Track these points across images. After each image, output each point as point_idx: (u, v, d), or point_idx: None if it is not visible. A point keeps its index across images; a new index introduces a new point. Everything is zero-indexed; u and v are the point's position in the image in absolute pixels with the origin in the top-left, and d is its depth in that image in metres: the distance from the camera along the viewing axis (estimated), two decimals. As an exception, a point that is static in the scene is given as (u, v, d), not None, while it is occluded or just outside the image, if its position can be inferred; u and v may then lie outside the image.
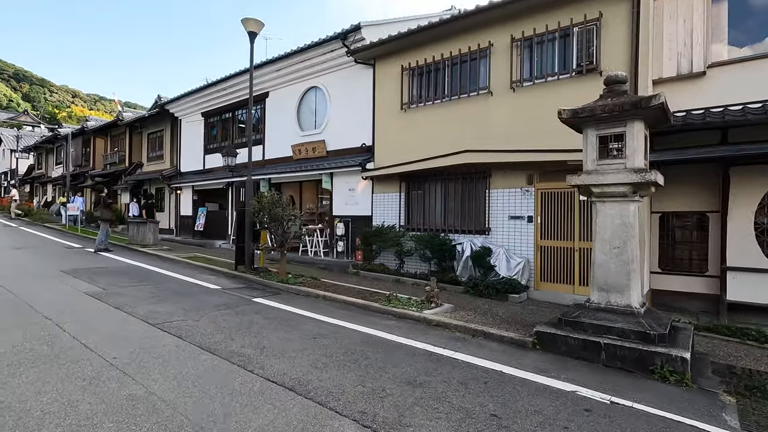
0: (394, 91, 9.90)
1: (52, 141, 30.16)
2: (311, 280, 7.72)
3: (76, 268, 8.23)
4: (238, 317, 5.21)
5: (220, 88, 14.63)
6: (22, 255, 9.97)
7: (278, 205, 7.81)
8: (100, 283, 6.97)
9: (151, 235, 11.92)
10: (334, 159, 11.33)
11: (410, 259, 9.27)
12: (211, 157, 15.85)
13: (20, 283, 6.66)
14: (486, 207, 8.46)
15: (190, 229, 16.30)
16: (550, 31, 7.62)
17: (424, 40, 9.22)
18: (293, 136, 12.58)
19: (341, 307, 6.12)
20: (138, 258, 10.25)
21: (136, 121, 19.75)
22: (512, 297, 7.33)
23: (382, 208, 10.19)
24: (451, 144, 8.71)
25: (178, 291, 6.65)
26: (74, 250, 11.29)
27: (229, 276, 8.27)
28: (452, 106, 8.97)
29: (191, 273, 8.45)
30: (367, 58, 10.39)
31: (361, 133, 10.76)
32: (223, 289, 7.06)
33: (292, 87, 12.68)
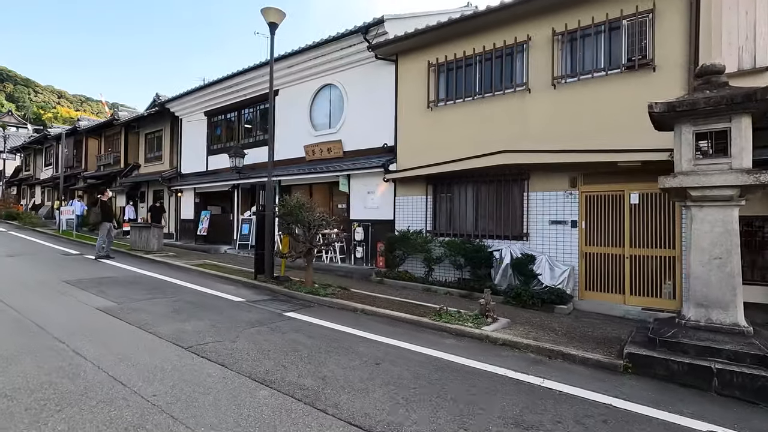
0: (420, 88, 9.37)
1: (40, 141, 29.05)
2: (341, 291, 7.11)
3: (80, 279, 7.51)
4: (279, 336, 4.60)
5: (225, 86, 13.94)
6: (17, 263, 9.19)
7: (305, 208, 7.20)
8: (111, 295, 6.28)
9: (155, 241, 11.19)
10: (351, 160, 10.75)
11: (439, 267, 8.71)
12: (215, 158, 15.14)
13: (21, 297, 5.95)
14: (523, 211, 7.95)
15: (192, 233, 15.54)
16: (596, 24, 7.15)
17: (453, 34, 8.71)
18: (305, 136, 11.96)
19: (387, 322, 5.53)
20: (145, 266, 9.52)
21: (133, 120, 18.93)
22: (559, 308, 6.82)
23: (405, 211, 9.63)
24: (482, 144, 8.20)
25: (200, 304, 5.99)
26: (73, 258, 10.51)
27: (250, 286, 7.62)
28: (484, 104, 8.46)
29: (207, 283, 7.78)
30: (389, 53, 9.84)
31: (381, 132, 10.20)
32: (248, 301, 6.42)
33: (304, 85, 12.07)
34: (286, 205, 7.25)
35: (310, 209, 7.27)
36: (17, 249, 11.67)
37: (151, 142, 18.63)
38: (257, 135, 13.77)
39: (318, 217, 7.22)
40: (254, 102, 13.61)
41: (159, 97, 19.02)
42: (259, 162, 13.25)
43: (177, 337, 4.39)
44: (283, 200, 7.54)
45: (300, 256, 7.32)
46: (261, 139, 13.54)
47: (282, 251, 8.10)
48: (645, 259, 6.81)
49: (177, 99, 15.92)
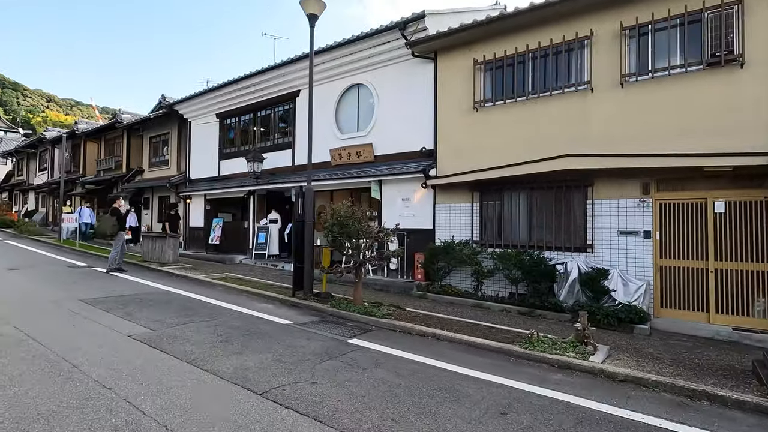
0: (463, 87, 8.72)
1: (35, 145, 27.96)
2: (396, 310, 6.37)
3: (98, 297, 6.69)
4: (361, 375, 3.86)
5: (241, 87, 13.20)
6: (22, 278, 8.31)
7: (354, 217, 6.48)
8: (140, 319, 5.49)
9: (170, 252, 10.35)
10: (384, 165, 10.05)
11: (490, 281, 8.03)
12: (228, 162, 14.35)
13: (38, 323, 5.13)
14: (586, 220, 7.31)
15: (202, 242, 14.70)
16: (673, 17, 6.57)
17: (503, 29, 8.09)
18: (331, 139, 11.25)
19: (468, 350, 4.82)
20: (163, 280, 8.70)
21: (137, 123, 18.06)
22: (639, 328, 6.16)
23: (447, 220, 8.94)
24: (536, 148, 7.58)
25: (246, 330, 5.23)
26: (81, 271, 9.64)
27: (290, 305, 6.85)
28: (538, 104, 7.84)
29: (240, 301, 7.00)
30: (428, 50, 9.20)
31: (417, 135, 9.53)
32: (296, 324, 5.66)
33: (329, 85, 11.37)
34: (336, 214, 6.51)
35: (359, 219, 6.54)
36: (18, 261, 10.75)
37: (156, 145, 17.76)
38: (275, 138, 13.02)
39: (374, 228, 6.50)
40: (273, 103, 12.87)
41: (165, 98, 18.21)
42: (279, 167, 12.51)
43: (242, 377, 3.64)
44: (331, 208, 6.80)
45: (349, 271, 6.58)
46: (280, 142, 12.79)
47: (323, 265, 7.35)
48: (733, 274, 6.18)
49: (186, 101, 15.12)
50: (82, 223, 15.70)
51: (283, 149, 12.59)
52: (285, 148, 12.53)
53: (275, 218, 13.40)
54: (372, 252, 6.59)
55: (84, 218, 15.99)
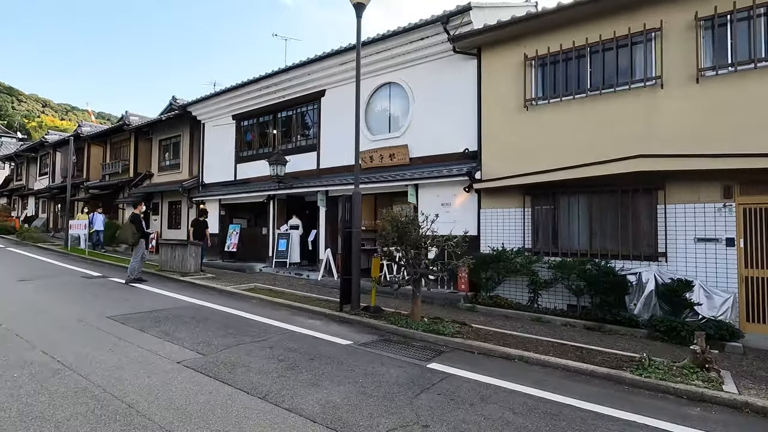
0: (512, 85, 8.17)
1: (35, 149, 27.19)
2: (462, 327, 5.74)
3: (126, 314, 6.02)
4: (473, 414, 3.22)
5: (261, 87, 12.58)
6: (36, 292, 7.62)
7: (415, 224, 5.87)
8: (182, 340, 4.84)
9: (192, 261, 9.67)
10: (421, 167, 9.46)
11: (546, 292, 7.44)
12: (244, 166, 13.71)
13: (68, 346, 4.47)
14: (656, 227, 6.73)
15: (217, 249, 13.99)
16: (758, 5, 6.06)
17: (559, 21, 7.55)
18: (361, 141, 10.62)
19: (569, 376, 4.20)
20: (189, 292, 8.03)
21: (146, 125, 17.39)
22: (731, 345, 5.57)
23: (494, 226, 8.35)
24: (595, 148, 7.03)
25: (307, 353, 4.58)
26: (98, 282, 8.95)
27: (339, 320, 6.21)
28: (598, 102, 7.29)
29: (282, 316, 6.35)
30: (472, 46, 8.65)
31: (458, 136, 8.96)
32: (357, 345, 5.02)
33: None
34: (393, 220, 5.90)
35: (419, 226, 5.94)
36: (27, 271, 10.03)
37: (166, 149, 17.10)
38: (298, 141, 12.40)
39: (428, 237, 5.88)
40: (295, 104, 12.27)
41: (176, 100, 17.62)
42: (302, 170, 11.89)
43: (337, 419, 3.00)
44: (388, 215, 6.18)
45: (408, 283, 5.96)
46: (303, 144, 12.18)
47: (373, 276, 6.72)
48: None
49: (201, 102, 14.48)
50: (95, 230, 14.91)
51: (306, 152, 11.97)
52: (308, 150, 11.92)
53: (296, 224, 12.76)
54: (433, 263, 5.96)
55: (97, 225, 15.20)
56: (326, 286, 9.85)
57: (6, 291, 7.51)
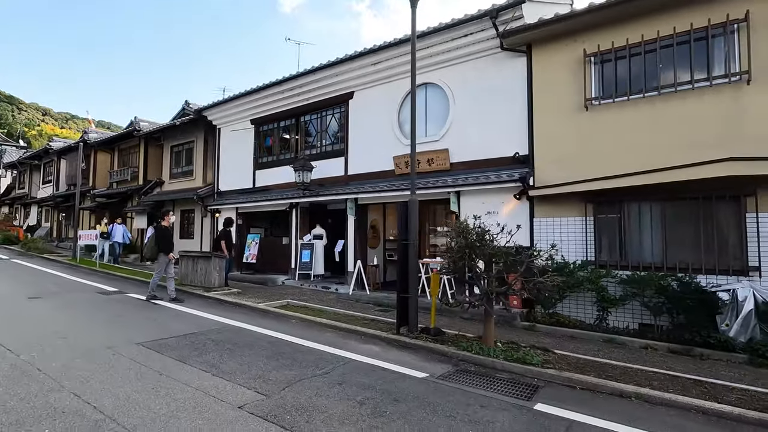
0: (569, 83, 7.54)
1: (38, 157, 26.53)
2: (548, 355, 5.03)
3: (159, 339, 5.30)
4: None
5: (283, 89, 11.94)
6: (51, 311, 6.88)
7: (488, 237, 5.19)
8: (233, 374, 4.11)
9: (216, 275, 8.94)
10: (463, 173, 8.80)
11: (615, 309, 6.73)
12: (264, 172, 13.04)
13: (102, 385, 3.75)
14: (745, 237, 6.05)
15: (234, 260, 13.26)
16: None
17: (625, 14, 6.94)
18: (393, 145, 10.01)
19: (711, 421, 3.48)
20: (217, 310, 7.30)
21: (157, 131, 16.75)
22: None
23: (550, 237, 7.63)
24: (669, 151, 6.40)
25: (386, 391, 3.86)
26: (115, 298, 8.22)
27: (400, 346, 5.48)
28: (670, 100, 6.65)
29: (331, 339, 5.63)
30: (521, 42, 8.04)
31: (505, 139, 8.32)
32: (438, 378, 4.31)
33: (390, 85, 10.18)
34: (464, 232, 5.22)
35: (493, 238, 5.26)
36: (37, 286, 9.29)
37: (178, 155, 16.43)
38: (323, 146, 11.74)
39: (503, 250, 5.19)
40: (321, 107, 11.63)
41: (189, 104, 17.01)
42: (328, 177, 11.22)
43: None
44: (459, 225, 5.50)
45: (477, 303, 5.26)
46: (330, 150, 11.52)
47: (432, 294, 6.02)
48: None
49: (217, 106, 13.85)
50: (115, 242, 14.06)
51: (332, 157, 11.31)
52: (335, 156, 11.26)
53: (320, 234, 12.06)
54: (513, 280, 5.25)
55: (117, 236, 14.40)
56: (360, 301, 9.14)
57: (18, 311, 6.76)
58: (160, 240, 7.89)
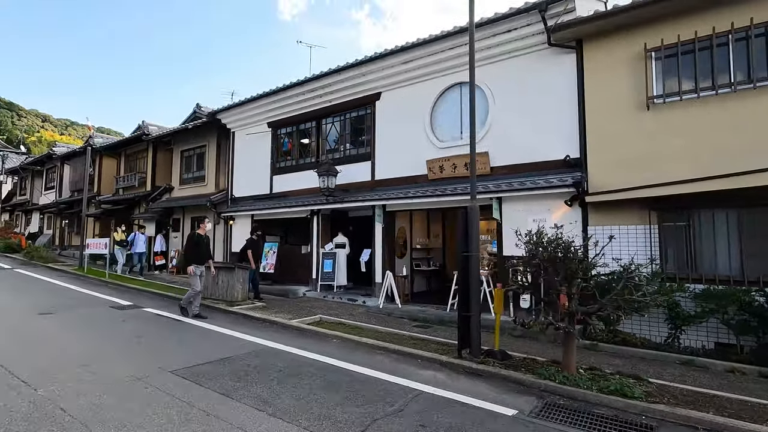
0: (627, 80, 6.97)
1: (41, 163, 25.91)
2: (644, 384, 4.39)
3: (193, 365, 4.65)
4: None
5: (305, 90, 11.36)
6: (64, 330, 6.22)
7: (567, 249, 4.59)
8: (293, 413, 3.47)
9: (240, 288, 8.30)
10: (505, 178, 8.21)
11: (688, 326, 6.11)
12: (282, 178, 12.43)
13: (137, 428, 3.11)
14: (840, 248, 5.46)
15: (250, 270, 12.61)
16: None
17: (692, 5, 6.41)
18: (425, 149, 9.43)
19: None
20: (250, 328, 6.64)
21: (167, 135, 16.15)
22: None
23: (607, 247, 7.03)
24: (746, 153, 5.82)
25: (481, 437, 3.23)
26: (131, 314, 7.56)
27: (467, 372, 4.84)
28: (747, 97, 6.07)
29: (385, 364, 4.99)
30: (571, 37, 7.49)
31: (553, 141, 7.75)
32: (530, 416, 3.67)
33: (421, 85, 9.62)
34: (547, 244, 4.61)
35: (573, 250, 4.65)
36: (46, 299, 8.63)
37: (189, 160, 15.82)
38: (347, 149, 11.15)
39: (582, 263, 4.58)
40: (344, 109, 11.06)
41: (201, 107, 16.45)
42: (353, 182, 10.62)
43: None
44: (534, 236, 4.89)
45: (555, 324, 4.64)
46: (354, 153, 10.93)
47: (496, 312, 5.39)
48: None
49: (232, 108, 13.27)
50: (135, 253, 13.18)
51: (357, 162, 10.72)
52: (360, 160, 10.67)
53: (342, 242, 11.43)
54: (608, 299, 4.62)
55: (139, 246, 13.45)
56: (392, 315, 8.51)
57: (30, 330, 6.10)
58: (189, 249, 7.18)
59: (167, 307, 8.30)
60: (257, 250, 9.64)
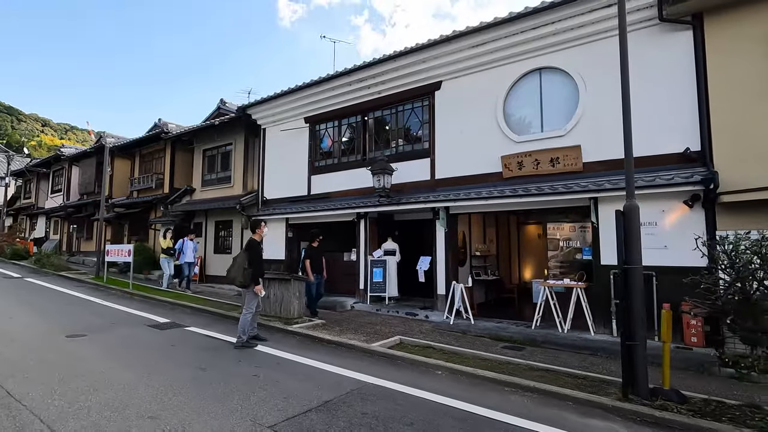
0: (762, 61, 5.92)
1: (47, 164, 24.77)
2: None
3: (290, 416, 3.51)
4: None
5: (352, 80, 10.29)
6: (101, 358, 5.07)
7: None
8: None
9: (296, 303, 7.17)
10: (602, 175, 7.13)
11: None
12: (321, 178, 11.33)
13: None
14: None
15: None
16: None
17: None
18: (498, 143, 8.35)
19: None
20: (326, 355, 5.50)
21: (187, 133, 15.05)
22: None
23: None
24: None
25: None
26: (176, 336, 6.42)
27: (646, 422, 3.71)
28: None
29: (532, 410, 3.87)
30: (687, 12, 6.45)
31: (663, 131, 6.69)
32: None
33: (490, 72, 8.55)
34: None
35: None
36: (71, 316, 7.47)
37: (212, 160, 14.70)
38: (399, 146, 10.06)
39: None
40: (397, 100, 9.96)
41: (225, 103, 15.39)
42: (407, 182, 9.54)
43: None
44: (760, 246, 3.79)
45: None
46: (408, 150, 9.83)
47: (665, 339, 4.25)
48: None
49: (264, 103, 12.17)
50: (184, 263, 11.47)
51: (412, 159, 9.63)
52: (416, 157, 9.58)
53: (392, 248, 10.33)
54: None
55: (188, 256, 11.54)
56: (468, 333, 7.39)
57: (60, 360, 4.94)
58: (257, 259, 5.94)
59: (211, 325, 7.18)
60: (318, 261, 8.47)
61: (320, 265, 8.60)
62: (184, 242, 11.69)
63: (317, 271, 8.33)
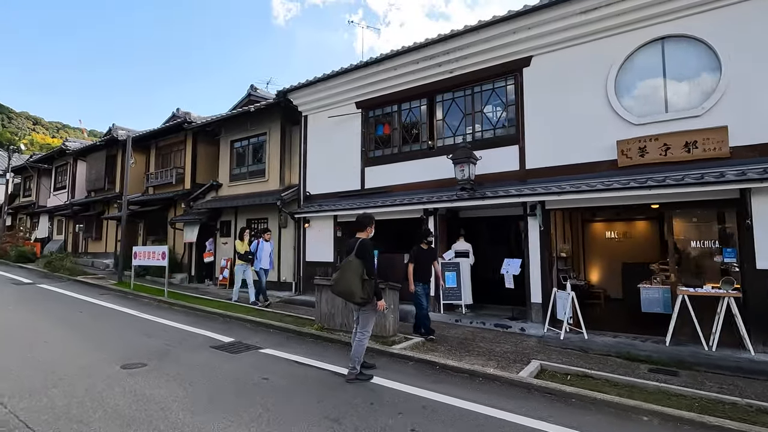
0: None
1: (49, 160, 23.22)
2: None
3: None
4: None
5: (418, 58, 8.99)
6: (182, 404, 3.78)
7: None
8: None
9: (392, 317, 5.90)
10: (755, 162, 5.94)
11: None
12: (377, 170, 10.06)
13: None
14: None
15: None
16: None
17: None
18: (610, 126, 7.13)
19: None
20: (462, 388, 4.26)
21: (212, 123, 13.67)
22: None
23: None
24: None
25: None
26: (253, 362, 5.13)
27: None
28: None
29: None
30: None
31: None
32: None
33: (598, 43, 7.32)
34: None
35: None
36: (112, 337, 6.15)
37: (242, 152, 13.35)
38: (478, 131, 8.79)
39: None
40: (474, 80, 8.66)
41: (255, 89, 14.05)
42: (489, 173, 8.29)
43: None
44: None
45: None
46: (490, 137, 8.55)
47: None
48: None
49: (309, 86, 10.84)
50: (260, 270, 9.50)
51: (495, 146, 8.38)
52: (501, 144, 8.32)
53: (465, 249, 9.12)
54: None
55: (264, 261, 9.52)
56: (590, 351, 6.20)
57: (129, 407, 3.63)
58: (374, 270, 4.62)
59: (284, 345, 5.91)
60: (426, 267, 6.94)
61: (428, 273, 7.05)
62: (260, 244, 9.69)
63: (423, 279, 6.94)
